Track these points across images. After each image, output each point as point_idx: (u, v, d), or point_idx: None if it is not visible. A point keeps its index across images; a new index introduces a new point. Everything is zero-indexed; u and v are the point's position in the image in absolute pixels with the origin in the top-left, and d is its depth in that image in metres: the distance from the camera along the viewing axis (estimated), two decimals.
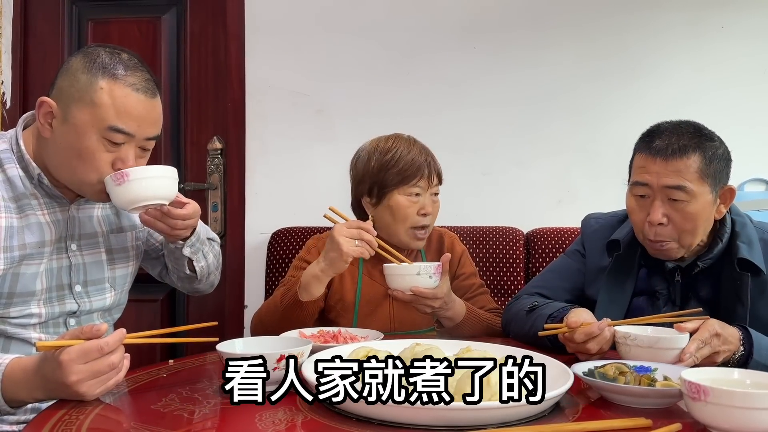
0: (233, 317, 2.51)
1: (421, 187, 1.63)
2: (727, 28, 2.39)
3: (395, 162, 1.62)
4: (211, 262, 1.53)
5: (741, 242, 1.39)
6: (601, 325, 1.22)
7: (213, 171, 2.56)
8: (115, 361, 1.00)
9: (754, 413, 0.82)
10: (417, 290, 1.43)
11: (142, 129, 1.25)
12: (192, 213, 1.35)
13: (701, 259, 1.42)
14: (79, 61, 1.24)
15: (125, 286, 1.46)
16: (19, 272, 1.24)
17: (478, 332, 1.58)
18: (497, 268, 2.20)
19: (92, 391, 0.98)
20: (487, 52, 2.46)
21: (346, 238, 1.42)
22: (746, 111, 2.36)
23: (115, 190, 1.23)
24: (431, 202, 1.65)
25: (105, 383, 1.00)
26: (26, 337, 1.27)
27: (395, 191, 1.62)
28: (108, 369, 0.99)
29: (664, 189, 1.34)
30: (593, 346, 1.22)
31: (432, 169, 1.64)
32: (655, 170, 1.35)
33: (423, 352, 1.04)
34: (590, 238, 1.60)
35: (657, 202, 1.36)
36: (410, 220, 1.62)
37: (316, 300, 1.50)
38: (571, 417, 0.94)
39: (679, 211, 1.34)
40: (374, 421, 0.89)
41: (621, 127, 2.39)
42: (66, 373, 0.96)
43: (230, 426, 0.93)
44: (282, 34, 2.51)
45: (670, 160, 1.34)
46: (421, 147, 1.68)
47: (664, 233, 1.36)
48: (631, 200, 1.42)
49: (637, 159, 1.41)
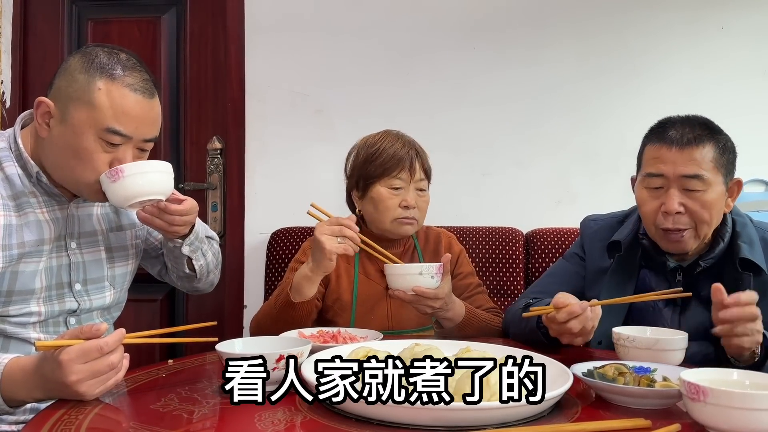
0: (233, 317, 2.51)
1: (403, 180, 1.63)
2: (727, 27, 2.39)
3: (378, 154, 1.65)
4: (210, 260, 1.53)
5: (742, 242, 1.39)
6: (583, 304, 1.23)
7: (212, 171, 2.56)
8: (114, 361, 0.99)
9: (753, 414, 0.82)
10: (419, 290, 1.43)
11: (140, 130, 1.25)
12: (189, 209, 1.35)
13: (703, 258, 1.42)
14: (78, 61, 1.24)
15: (125, 284, 1.46)
16: (18, 270, 1.24)
17: (478, 332, 1.58)
18: (497, 268, 2.20)
19: (92, 390, 0.98)
20: (487, 52, 2.46)
21: (327, 236, 1.42)
22: (745, 111, 2.36)
23: (111, 187, 1.23)
24: (415, 195, 1.65)
25: (104, 383, 0.99)
26: (26, 337, 1.27)
27: (377, 183, 1.64)
28: (107, 369, 0.99)
29: (681, 179, 1.34)
30: (575, 324, 1.22)
31: (415, 162, 1.65)
32: (671, 159, 1.34)
33: (423, 352, 1.04)
34: (590, 240, 1.60)
35: (673, 190, 1.35)
36: (392, 212, 1.63)
37: (309, 300, 1.49)
38: (570, 417, 0.94)
39: (696, 199, 1.34)
40: (374, 421, 0.89)
41: (620, 126, 2.40)
42: (65, 373, 0.96)
43: (229, 426, 0.93)
44: (282, 34, 2.51)
45: (686, 148, 1.33)
46: (408, 141, 1.69)
47: (681, 221, 1.35)
48: (642, 192, 1.41)
49: (650, 150, 1.40)
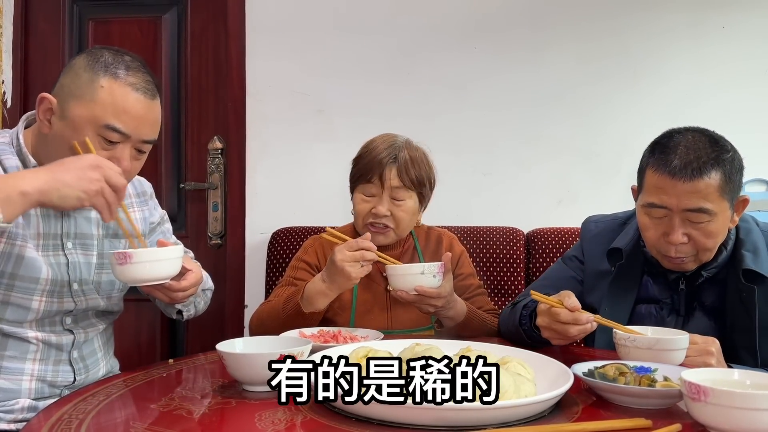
0: (233, 317, 2.51)
1: (375, 186, 1.61)
2: (728, 29, 2.39)
3: (360, 158, 1.66)
4: (201, 308, 1.56)
5: (746, 251, 1.34)
6: (589, 317, 1.22)
7: (213, 170, 2.56)
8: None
9: (754, 414, 0.82)
10: (421, 290, 1.43)
11: (139, 130, 1.25)
12: (192, 284, 1.33)
13: (706, 268, 1.37)
14: (83, 60, 1.25)
15: (113, 292, 1.42)
16: (23, 255, 1.24)
17: (477, 332, 1.58)
18: (498, 268, 2.20)
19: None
20: (488, 53, 2.46)
21: (350, 263, 1.41)
22: (747, 112, 2.36)
23: (117, 269, 1.21)
24: (389, 204, 1.61)
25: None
26: (24, 336, 1.27)
27: (356, 188, 1.66)
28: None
29: (685, 212, 1.28)
30: (574, 331, 1.21)
31: (387, 170, 1.59)
32: (675, 193, 1.27)
33: (423, 352, 1.04)
34: (590, 243, 1.57)
35: (676, 221, 1.29)
36: (362, 218, 1.64)
37: (321, 311, 1.50)
38: (570, 417, 0.94)
39: (700, 230, 1.29)
40: (374, 421, 0.89)
41: (621, 127, 2.40)
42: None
43: (230, 425, 0.93)
44: (283, 33, 2.51)
45: (690, 181, 1.25)
46: (394, 146, 1.62)
47: (684, 250, 1.31)
48: (645, 219, 1.35)
49: (652, 177, 1.31)
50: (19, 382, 1.27)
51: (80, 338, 1.35)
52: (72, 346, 1.34)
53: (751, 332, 1.31)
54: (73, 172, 1.12)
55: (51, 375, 1.30)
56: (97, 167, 1.14)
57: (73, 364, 1.34)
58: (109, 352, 1.48)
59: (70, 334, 1.34)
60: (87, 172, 1.12)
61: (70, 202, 1.12)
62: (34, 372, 1.28)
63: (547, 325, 1.25)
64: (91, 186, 1.12)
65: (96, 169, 1.14)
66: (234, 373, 1.06)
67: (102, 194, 1.14)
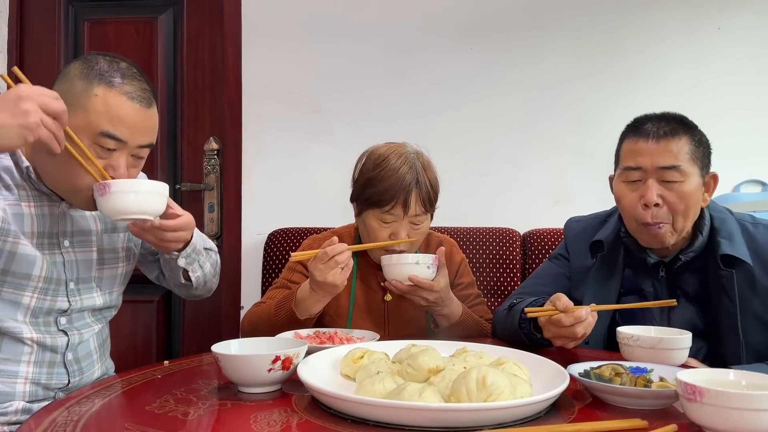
0: (230, 318, 2.50)
1: (396, 215, 1.54)
2: (723, 27, 2.40)
3: (378, 181, 1.54)
4: (208, 271, 1.51)
5: (721, 238, 1.40)
6: (587, 311, 1.24)
7: (210, 171, 2.56)
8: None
9: (750, 414, 0.82)
10: (415, 279, 1.43)
11: (135, 136, 1.24)
12: (183, 225, 1.32)
13: (683, 253, 1.43)
14: (78, 67, 1.24)
15: (114, 287, 1.44)
16: (16, 251, 1.24)
17: (473, 334, 1.58)
18: (494, 268, 2.20)
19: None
20: (484, 53, 2.47)
21: (330, 274, 1.40)
22: (742, 111, 2.37)
23: (99, 200, 1.22)
24: (408, 228, 1.56)
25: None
26: (19, 337, 1.27)
27: (370, 211, 1.56)
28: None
29: (658, 170, 1.36)
30: (580, 329, 1.23)
31: (411, 197, 1.52)
32: (648, 152, 1.37)
33: (419, 353, 1.04)
34: (573, 241, 1.62)
35: (651, 182, 1.37)
36: (379, 240, 1.56)
37: (315, 315, 1.50)
38: (567, 418, 0.94)
39: (674, 191, 1.36)
40: (370, 422, 0.89)
41: (617, 126, 2.35)
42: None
43: (225, 427, 0.93)
44: (279, 35, 2.51)
45: (663, 140, 1.37)
46: (412, 165, 1.55)
47: (660, 215, 1.37)
48: (621, 186, 1.43)
49: (627, 144, 1.43)
50: (13, 385, 1.26)
51: (75, 339, 1.35)
52: (66, 347, 1.33)
53: (734, 316, 1.35)
54: (5, 110, 1.05)
55: (45, 377, 1.30)
56: (29, 97, 1.07)
57: (67, 366, 1.34)
58: (105, 353, 1.48)
59: (64, 335, 1.33)
60: (19, 105, 1.06)
61: (13, 141, 1.05)
62: (29, 375, 1.28)
63: (556, 335, 1.26)
64: (28, 119, 1.05)
65: (28, 100, 1.06)
66: (229, 375, 1.06)
67: (43, 125, 1.07)
